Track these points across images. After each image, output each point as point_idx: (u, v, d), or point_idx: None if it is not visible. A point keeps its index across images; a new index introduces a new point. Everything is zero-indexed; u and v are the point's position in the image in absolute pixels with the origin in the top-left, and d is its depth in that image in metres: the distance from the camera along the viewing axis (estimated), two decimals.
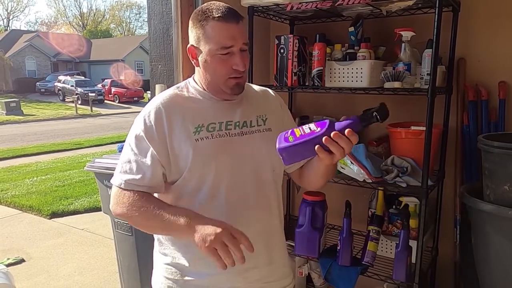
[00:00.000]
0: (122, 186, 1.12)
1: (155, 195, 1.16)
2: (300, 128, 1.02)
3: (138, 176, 1.10)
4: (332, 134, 0.96)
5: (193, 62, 1.17)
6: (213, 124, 1.14)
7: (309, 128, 0.99)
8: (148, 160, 1.10)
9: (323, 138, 0.96)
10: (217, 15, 1.07)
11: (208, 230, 0.96)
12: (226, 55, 1.09)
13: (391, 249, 1.99)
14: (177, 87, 1.22)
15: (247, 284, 1.17)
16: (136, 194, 1.10)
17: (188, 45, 1.14)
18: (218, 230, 0.96)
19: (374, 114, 0.98)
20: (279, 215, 1.27)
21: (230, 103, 1.19)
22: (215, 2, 1.13)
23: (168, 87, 2.00)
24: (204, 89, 1.18)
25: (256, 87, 1.33)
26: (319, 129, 0.98)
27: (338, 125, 0.97)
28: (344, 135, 0.96)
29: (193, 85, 1.20)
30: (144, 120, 1.13)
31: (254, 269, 1.16)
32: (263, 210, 1.20)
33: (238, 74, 1.11)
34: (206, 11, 1.09)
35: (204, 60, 1.11)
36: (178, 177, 1.13)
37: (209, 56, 1.09)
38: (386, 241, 2.01)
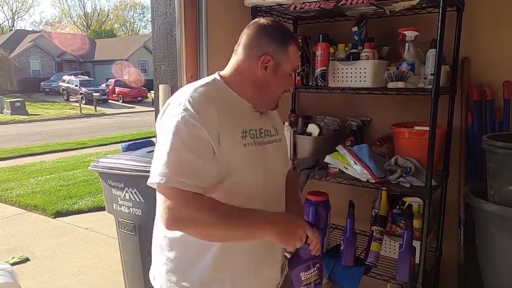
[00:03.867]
0: (182, 187, 1.01)
1: None
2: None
3: (195, 178, 1.03)
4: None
5: (259, 69, 1.15)
6: (252, 130, 1.17)
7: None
8: (203, 159, 1.03)
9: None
10: (296, 42, 1.21)
11: (291, 225, 1.09)
12: (290, 76, 1.22)
13: (394, 249, 1.98)
14: (212, 84, 1.16)
15: (262, 282, 1.24)
16: (205, 196, 1.04)
17: (264, 55, 1.14)
18: (303, 223, 1.11)
19: None
20: None
21: (257, 112, 1.22)
22: (281, 22, 1.25)
23: (172, 87, 2.02)
24: (241, 95, 1.17)
25: None
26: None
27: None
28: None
29: (227, 88, 1.17)
30: (194, 116, 1.03)
31: (271, 267, 1.25)
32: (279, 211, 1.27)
33: (283, 94, 1.24)
34: (288, 33, 1.20)
35: (275, 73, 1.17)
36: (220, 179, 1.08)
37: (282, 72, 1.18)
38: (390, 241, 2.01)
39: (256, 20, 1.22)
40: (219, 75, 1.20)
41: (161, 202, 1.03)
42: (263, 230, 1.06)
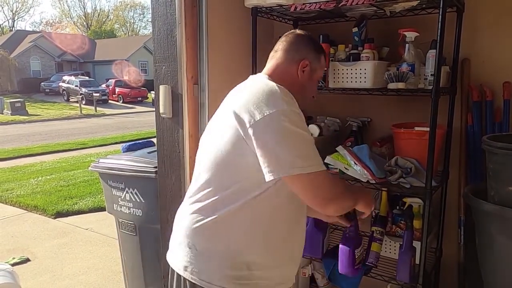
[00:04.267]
0: (323, 168, 1.17)
1: None
2: None
3: (319, 157, 1.18)
4: None
5: (299, 72, 1.31)
6: None
7: None
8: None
9: None
10: (325, 53, 1.44)
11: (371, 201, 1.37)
12: (317, 83, 1.44)
13: (394, 249, 1.98)
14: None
15: (293, 274, 1.36)
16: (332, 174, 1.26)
17: (304, 59, 1.31)
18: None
19: None
20: None
21: None
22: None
23: (172, 88, 2.02)
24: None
25: None
26: None
27: None
28: None
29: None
30: (296, 113, 1.18)
31: (295, 264, 1.37)
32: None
33: (313, 99, 1.42)
34: (321, 46, 1.40)
35: (310, 77, 1.34)
36: None
37: (315, 78, 1.37)
38: (390, 241, 2.01)
39: (293, 30, 1.40)
40: (267, 75, 1.32)
41: (307, 189, 1.15)
42: (363, 201, 1.32)
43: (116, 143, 10.30)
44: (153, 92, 2.15)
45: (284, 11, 2.04)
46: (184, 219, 1.26)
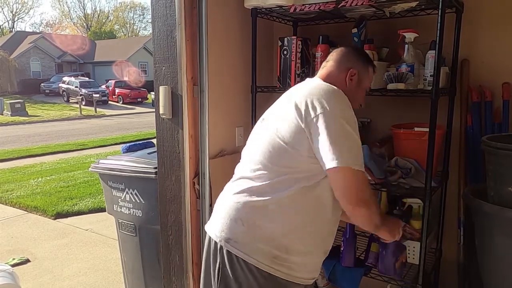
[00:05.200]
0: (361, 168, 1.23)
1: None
2: None
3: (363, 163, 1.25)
4: None
5: (348, 81, 1.42)
6: None
7: None
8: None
9: None
10: (374, 66, 1.51)
11: (396, 231, 1.46)
12: (365, 92, 1.50)
13: None
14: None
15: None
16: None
17: (354, 69, 1.42)
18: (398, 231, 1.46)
19: None
20: None
21: None
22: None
23: (172, 89, 2.02)
24: None
25: None
26: None
27: None
28: None
29: None
30: (351, 111, 1.29)
31: (325, 254, 1.42)
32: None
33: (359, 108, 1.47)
34: (369, 58, 1.52)
35: (358, 86, 1.44)
36: None
37: (363, 86, 1.47)
38: None
39: (344, 46, 1.52)
40: (322, 79, 1.43)
41: (347, 184, 1.22)
42: (385, 229, 1.38)
43: (116, 144, 10.31)
44: (153, 93, 2.15)
45: (283, 12, 2.04)
46: (234, 195, 1.35)
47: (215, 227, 1.36)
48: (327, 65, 1.45)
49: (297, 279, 1.30)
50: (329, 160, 1.18)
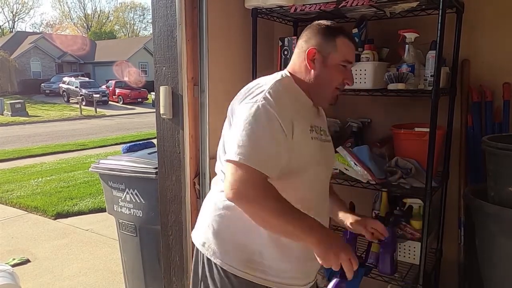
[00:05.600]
0: (257, 167, 1.06)
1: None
2: None
3: (273, 157, 1.09)
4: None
5: (307, 63, 1.22)
6: (316, 127, 1.24)
7: None
8: (281, 141, 1.10)
9: None
10: (347, 33, 1.24)
11: (334, 249, 1.10)
12: (343, 68, 1.23)
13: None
14: (287, 79, 1.23)
15: (311, 270, 1.33)
16: (267, 179, 1.08)
17: (310, 48, 1.21)
18: (341, 253, 1.11)
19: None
20: None
21: (316, 110, 1.30)
22: (333, 22, 1.27)
23: (172, 89, 2.02)
24: (305, 92, 1.24)
25: None
26: None
27: None
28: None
29: (297, 86, 1.24)
30: (275, 99, 1.11)
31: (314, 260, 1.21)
32: (327, 211, 1.36)
33: (343, 87, 1.26)
34: (336, 27, 1.24)
35: (324, 65, 1.21)
36: (286, 167, 1.13)
37: (331, 63, 1.21)
38: None
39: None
40: (288, 72, 1.27)
41: (231, 176, 1.07)
42: (311, 238, 1.08)
43: (116, 144, 10.31)
44: (153, 93, 2.15)
45: (284, 12, 2.04)
46: (208, 199, 1.32)
47: (196, 233, 1.33)
48: (294, 53, 1.28)
49: (278, 285, 1.21)
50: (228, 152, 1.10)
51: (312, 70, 1.21)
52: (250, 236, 1.19)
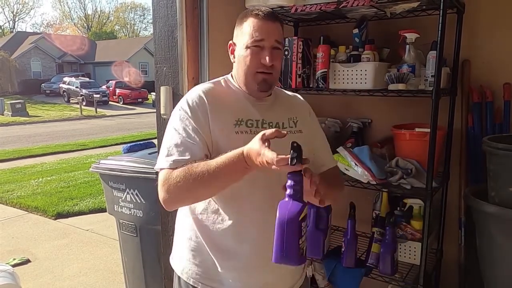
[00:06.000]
0: (172, 166, 1.10)
1: None
2: None
3: (188, 157, 1.10)
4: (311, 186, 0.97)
5: (231, 58, 1.24)
6: (251, 120, 1.19)
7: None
8: (197, 141, 1.12)
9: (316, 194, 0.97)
10: (255, 13, 1.17)
11: (257, 159, 0.97)
12: (257, 48, 1.16)
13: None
14: (216, 81, 1.26)
15: (275, 279, 1.21)
16: (186, 166, 1.08)
17: (229, 43, 1.24)
18: (259, 156, 0.95)
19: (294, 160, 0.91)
20: None
21: (263, 105, 1.24)
22: (261, 6, 1.22)
23: (173, 89, 2.02)
24: (240, 87, 1.23)
25: (287, 92, 1.40)
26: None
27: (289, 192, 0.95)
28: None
29: (232, 82, 1.26)
30: (188, 104, 1.16)
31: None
32: (270, 202, 1.19)
33: (265, 69, 1.16)
34: (248, 11, 1.20)
35: (239, 53, 1.19)
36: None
37: (243, 48, 1.17)
38: None
39: None
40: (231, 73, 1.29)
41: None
42: (238, 169, 1.02)
43: (117, 144, 10.32)
44: (154, 93, 2.16)
45: (285, 12, 2.04)
46: None
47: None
48: None
49: None
50: None
51: (234, 63, 1.23)
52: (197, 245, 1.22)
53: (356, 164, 1.84)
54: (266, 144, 0.96)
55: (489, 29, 1.96)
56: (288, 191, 0.95)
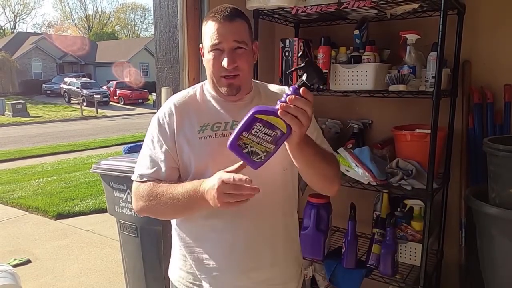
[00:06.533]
0: (138, 179, 1.19)
1: None
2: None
3: (153, 169, 1.17)
4: (287, 99, 0.92)
5: (203, 61, 1.22)
6: (218, 123, 1.17)
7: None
8: (161, 155, 1.17)
9: (281, 105, 0.92)
10: (211, 15, 1.14)
11: (210, 192, 1.00)
12: (218, 52, 1.12)
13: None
14: (192, 88, 1.28)
15: (251, 284, 1.18)
16: (151, 183, 1.16)
17: (200, 45, 1.22)
18: (216, 186, 0.98)
19: (303, 79, 0.95)
20: (287, 215, 1.26)
21: (239, 104, 1.20)
22: (223, 4, 1.16)
23: (174, 90, 2.03)
24: (212, 90, 1.22)
25: (274, 87, 1.33)
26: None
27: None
28: (300, 95, 0.93)
29: (206, 86, 1.25)
30: (158, 119, 1.21)
31: (258, 269, 1.18)
32: (267, 210, 1.18)
33: (227, 72, 1.12)
34: (208, 13, 1.17)
35: (204, 58, 1.18)
36: (186, 173, 1.18)
37: (207, 53, 1.15)
38: None
39: None
40: None
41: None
42: (197, 202, 1.06)
43: (117, 144, 10.32)
44: (154, 93, 2.16)
45: (285, 13, 2.05)
46: None
47: None
48: None
49: None
50: None
51: (208, 69, 1.18)
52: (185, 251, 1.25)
53: (356, 165, 1.84)
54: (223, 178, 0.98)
55: (490, 30, 1.96)
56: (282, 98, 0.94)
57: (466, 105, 2.04)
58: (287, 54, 2.01)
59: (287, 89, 1.30)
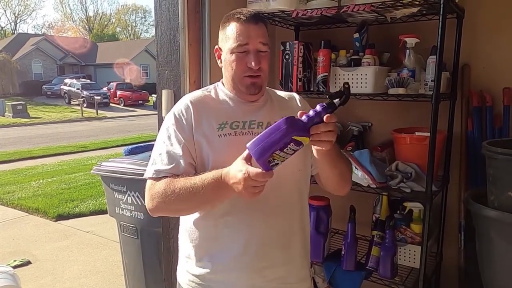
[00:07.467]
0: (154, 175, 1.15)
1: None
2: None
3: (171, 166, 1.15)
4: (325, 120, 0.96)
5: (218, 63, 1.25)
6: (237, 122, 1.19)
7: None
8: (180, 151, 1.15)
9: (313, 128, 0.96)
10: (237, 17, 1.17)
11: (235, 181, 1.00)
12: (243, 54, 1.15)
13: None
14: (205, 89, 1.28)
15: (264, 282, 1.19)
16: (168, 179, 1.13)
17: (215, 48, 1.24)
18: (242, 181, 0.98)
19: (337, 101, 0.99)
20: (302, 215, 1.28)
21: (255, 105, 1.24)
22: (244, 8, 1.21)
23: (175, 92, 2.03)
24: (229, 90, 1.24)
25: (281, 93, 1.37)
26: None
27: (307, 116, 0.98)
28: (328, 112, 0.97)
29: (221, 87, 1.27)
30: (175, 115, 1.20)
31: (271, 268, 1.19)
32: (282, 210, 1.21)
33: (252, 72, 1.16)
34: (230, 15, 1.19)
35: (225, 58, 1.20)
36: (202, 169, 1.16)
37: (228, 54, 1.17)
38: None
39: None
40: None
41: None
42: (219, 192, 1.07)
43: (117, 146, 10.33)
44: (154, 95, 2.17)
45: (286, 16, 2.06)
46: None
47: None
48: None
49: None
50: None
51: (223, 68, 1.23)
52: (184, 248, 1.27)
53: (356, 168, 1.85)
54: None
55: (489, 34, 1.97)
56: (309, 113, 0.98)
57: (465, 108, 2.04)
58: (287, 57, 2.02)
59: (296, 96, 1.36)
